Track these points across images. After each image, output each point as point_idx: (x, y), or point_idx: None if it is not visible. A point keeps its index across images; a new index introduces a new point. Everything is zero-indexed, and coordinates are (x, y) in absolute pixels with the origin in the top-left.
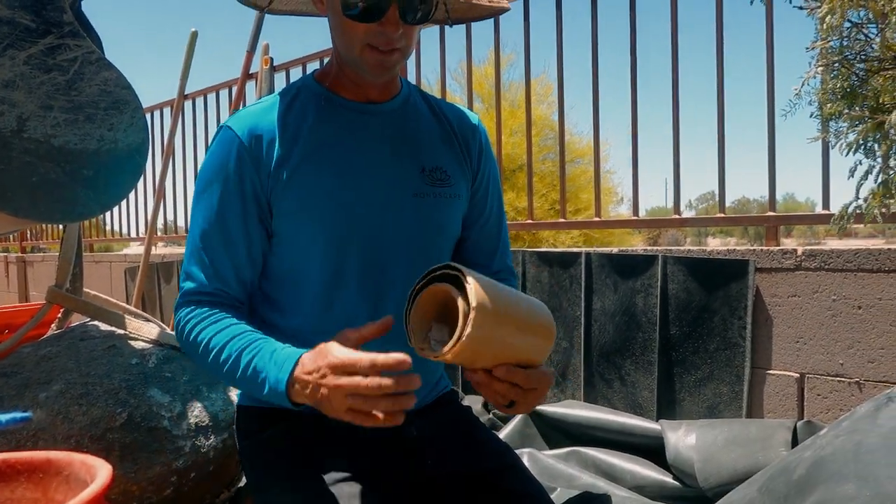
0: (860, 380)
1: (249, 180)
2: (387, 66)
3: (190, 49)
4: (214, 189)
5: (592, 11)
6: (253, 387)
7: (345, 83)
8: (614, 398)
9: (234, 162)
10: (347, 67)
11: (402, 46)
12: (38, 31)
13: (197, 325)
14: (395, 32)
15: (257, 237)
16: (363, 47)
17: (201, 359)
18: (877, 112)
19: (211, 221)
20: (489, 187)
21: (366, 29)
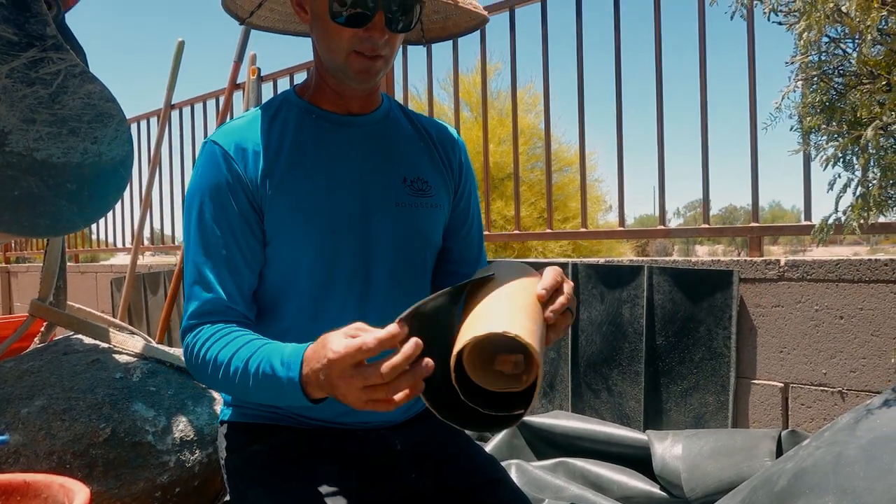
0: (843, 389)
1: (241, 193)
2: (371, 73)
3: (177, 59)
4: (205, 204)
5: (577, 22)
6: (270, 395)
7: (326, 95)
8: (602, 408)
9: (224, 176)
10: (330, 77)
11: (385, 54)
12: (20, 44)
13: (203, 345)
14: (380, 38)
15: (254, 246)
16: (349, 53)
17: (212, 379)
18: (854, 126)
19: (207, 238)
20: (470, 199)
21: (352, 34)
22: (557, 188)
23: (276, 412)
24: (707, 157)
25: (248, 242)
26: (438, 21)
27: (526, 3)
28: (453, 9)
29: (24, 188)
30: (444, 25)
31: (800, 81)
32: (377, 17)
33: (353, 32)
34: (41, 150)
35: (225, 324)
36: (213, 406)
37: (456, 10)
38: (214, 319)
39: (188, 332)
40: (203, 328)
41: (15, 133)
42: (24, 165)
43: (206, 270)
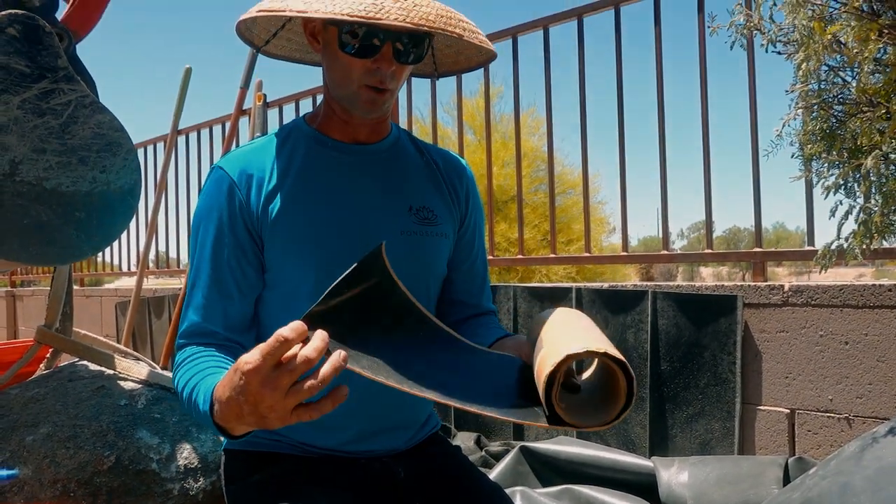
0: (849, 415)
1: (241, 219)
2: (377, 104)
3: (184, 85)
4: (208, 229)
5: (579, 48)
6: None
7: (335, 124)
8: (607, 434)
9: (225, 201)
10: (338, 106)
11: (392, 87)
12: (32, 76)
13: (179, 366)
14: (388, 69)
15: (251, 273)
16: (359, 85)
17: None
18: (855, 154)
19: (204, 261)
20: (476, 230)
21: (361, 66)
22: (561, 210)
23: (279, 439)
24: (710, 186)
25: (243, 269)
26: (450, 55)
27: (528, 31)
28: (465, 43)
29: (34, 217)
30: (456, 60)
31: (800, 109)
32: (385, 48)
33: (362, 64)
34: (51, 180)
35: (205, 346)
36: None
37: (468, 45)
38: (198, 341)
39: (176, 352)
40: (186, 349)
41: (26, 163)
42: (34, 194)
43: (198, 293)
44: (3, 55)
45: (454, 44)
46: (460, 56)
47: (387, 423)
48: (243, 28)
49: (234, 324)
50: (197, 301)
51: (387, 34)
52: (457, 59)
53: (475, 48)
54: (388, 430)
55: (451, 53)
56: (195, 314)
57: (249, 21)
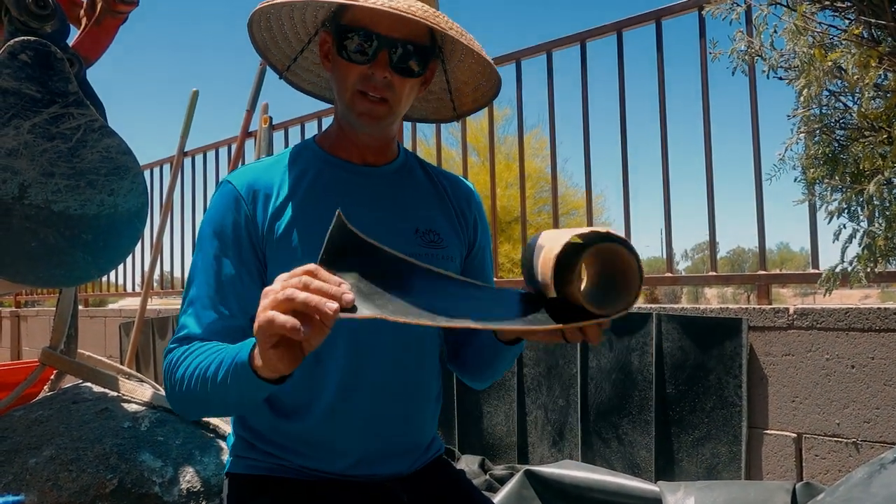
0: (857, 440)
1: (246, 233)
2: (373, 116)
3: (191, 107)
4: (212, 241)
5: (582, 72)
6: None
7: (344, 145)
8: (612, 458)
9: (231, 215)
10: (346, 125)
11: (389, 97)
12: (43, 100)
13: (174, 363)
14: (382, 74)
15: (252, 288)
16: (354, 93)
17: (182, 394)
18: (857, 178)
19: (206, 272)
20: (484, 254)
21: (357, 72)
22: None
23: (282, 463)
24: (713, 210)
25: (244, 282)
26: (468, 93)
27: (532, 56)
28: (479, 77)
29: (42, 239)
30: (474, 97)
31: (802, 134)
32: (381, 55)
33: (358, 70)
34: (59, 203)
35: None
36: (220, 456)
37: (482, 78)
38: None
39: (166, 356)
40: (178, 349)
41: (34, 186)
42: (43, 217)
43: (196, 303)
44: (15, 80)
45: (470, 80)
46: (477, 92)
47: (392, 447)
48: (261, 45)
49: (230, 336)
50: (196, 311)
51: (383, 41)
52: (474, 95)
53: (487, 82)
54: (393, 455)
55: (469, 92)
56: (193, 324)
57: (267, 37)
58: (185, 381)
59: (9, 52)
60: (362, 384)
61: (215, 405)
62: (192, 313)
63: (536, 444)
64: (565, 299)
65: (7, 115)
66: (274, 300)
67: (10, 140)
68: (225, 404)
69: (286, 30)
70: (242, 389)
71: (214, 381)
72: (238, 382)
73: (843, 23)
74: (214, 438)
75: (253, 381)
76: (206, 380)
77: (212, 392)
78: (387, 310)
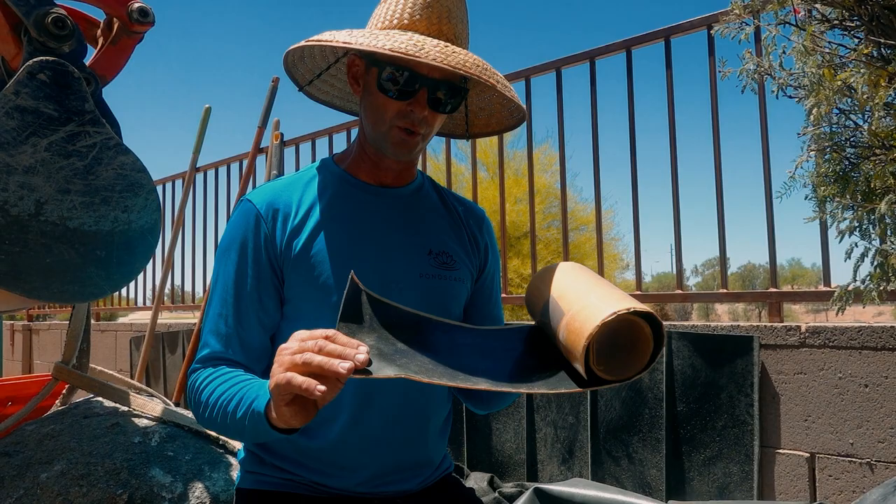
0: (871, 460)
1: (265, 251)
2: (408, 147)
3: (203, 124)
4: (232, 259)
5: (591, 89)
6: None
7: (363, 166)
8: (622, 476)
9: (251, 233)
10: (371, 148)
11: (424, 132)
12: (60, 119)
13: (199, 385)
14: (421, 114)
15: (270, 306)
16: (391, 126)
17: (202, 417)
18: (869, 197)
19: (226, 290)
20: (494, 279)
21: (397, 108)
22: (574, 247)
23: (292, 479)
24: (724, 227)
25: (263, 300)
26: (483, 118)
27: (541, 73)
28: (498, 108)
29: (56, 255)
30: (488, 122)
31: (812, 152)
32: (420, 93)
33: (397, 106)
34: (74, 219)
35: (226, 367)
36: (229, 472)
37: (501, 108)
38: (214, 364)
39: (190, 375)
40: (202, 370)
41: (51, 203)
42: (57, 234)
43: (220, 321)
44: (33, 100)
45: (486, 107)
46: (492, 119)
47: (402, 465)
48: (290, 62)
49: (252, 353)
50: (217, 329)
51: (424, 81)
52: (488, 121)
53: (507, 112)
54: (403, 471)
55: (484, 116)
56: (216, 342)
57: (297, 57)
58: (208, 408)
59: (28, 72)
60: (375, 407)
61: (234, 435)
62: (213, 331)
63: (546, 462)
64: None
65: (25, 133)
66: (291, 362)
67: (27, 158)
68: (242, 437)
69: (314, 48)
70: (258, 433)
71: (234, 418)
72: (255, 427)
73: (852, 42)
74: (224, 454)
75: (268, 431)
76: (227, 414)
77: (231, 425)
78: (409, 369)
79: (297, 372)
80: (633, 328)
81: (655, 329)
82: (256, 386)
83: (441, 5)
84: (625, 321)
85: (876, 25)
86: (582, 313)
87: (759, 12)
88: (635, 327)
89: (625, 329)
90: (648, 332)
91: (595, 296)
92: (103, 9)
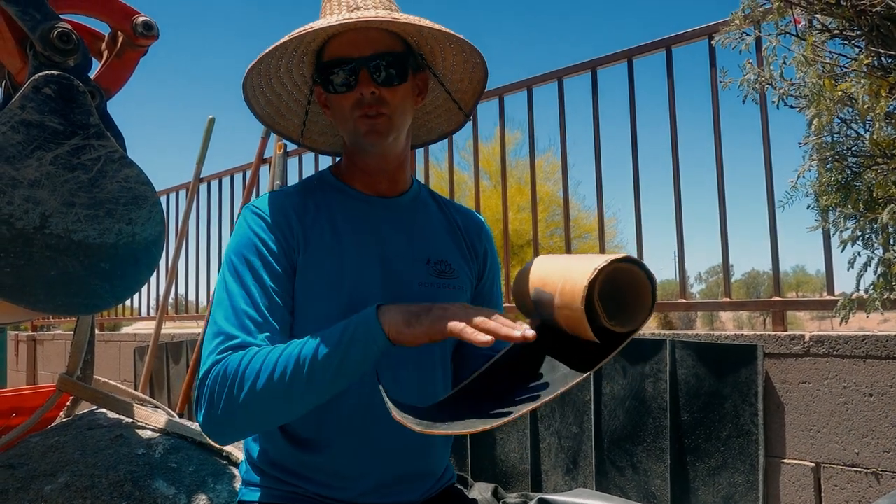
0: (877, 470)
1: (277, 251)
2: (378, 130)
3: (207, 134)
4: (245, 259)
5: (593, 97)
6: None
7: (356, 175)
8: (627, 486)
9: (262, 234)
10: (356, 155)
11: (386, 111)
12: (65, 133)
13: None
14: (369, 91)
15: (278, 312)
16: (354, 119)
17: (250, 392)
18: (871, 206)
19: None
20: (493, 286)
21: (350, 100)
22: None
23: (295, 490)
24: (727, 237)
25: (284, 293)
26: (466, 88)
27: (543, 83)
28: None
29: (61, 268)
30: (472, 89)
31: (814, 161)
32: (361, 75)
33: (350, 98)
34: (78, 232)
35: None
36: (232, 483)
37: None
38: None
39: (215, 365)
40: (235, 354)
41: (55, 216)
42: (62, 246)
43: (243, 318)
44: (38, 114)
45: (465, 76)
46: (473, 82)
47: (406, 475)
48: (271, 122)
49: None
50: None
51: (357, 62)
52: (472, 87)
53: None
54: (407, 481)
55: (466, 86)
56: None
57: (277, 117)
58: (274, 369)
59: (33, 87)
60: (378, 419)
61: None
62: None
63: (550, 472)
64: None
65: (31, 146)
66: (465, 315)
67: (32, 171)
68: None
69: (285, 99)
70: (364, 346)
71: (325, 350)
72: (363, 338)
73: (852, 52)
74: (227, 466)
75: (377, 339)
76: (315, 354)
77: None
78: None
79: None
80: (627, 278)
81: (648, 274)
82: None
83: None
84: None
85: (876, 36)
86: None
87: (759, 22)
88: (628, 276)
89: (622, 280)
90: (642, 277)
91: (577, 261)
92: (108, 23)
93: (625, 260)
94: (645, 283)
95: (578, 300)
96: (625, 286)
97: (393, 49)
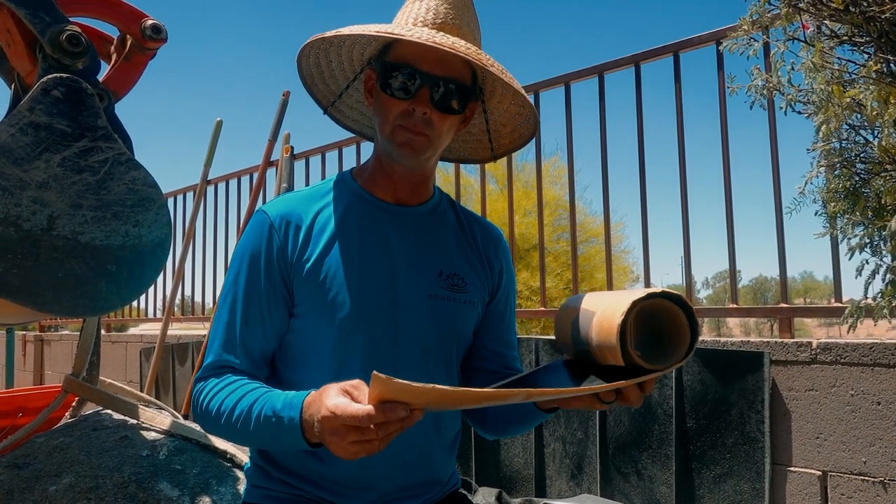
0: (885, 479)
1: (276, 263)
2: (413, 147)
3: (214, 137)
4: (243, 269)
5: (600, 102)
6: (269, 436)
7: (379, 181)
8: (631, 493)
9: (263, 244)
10: (385, 159)
11: (429, 133)
12: (73, 135)
13: (208, 394)
14: (421, 111)
15: (276, 317)
16: (395, 126)
17: (214, 425)
18: (879, 213)
19: (235, 299)
20: (508, 301)
21: (400, 107)
22: (584, 259)
23: (299, 493)
24: (733, 242)
25: (271, 311)
26: (506, 135)
27: (550, 87)
28: (513, 113)
29: (68, 269)
30: (512, 139)
31: (822, 167)
32: (422, 91)
33: (400, 105)
34: (86, 234)
35: (233, 375)
36: (236, 486)
37: (516, 114)
38: (223, 373)
39: (198, 382)
40: (210, 380)
41: (63, 218)
42: (70, 248)
43: (227, 329)
44: (47, 116)
45: (508, 121)
46: (515, 133)
47: (411, 482)
48: (308, 80)
49: (255, 361)
50: (224, 337)
51: (424, 77)
52: (512, 137)
53: (522, 118)
54: (412, 489)
55: (508, 133)
56: (221, 349)
57: (315, 76)
58: (222, 416)
59: (42, 89)
60: None
61: (253, 440)
62: (219, 339)
63: (554, 478)
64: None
65: (39, 148)
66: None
67: (40, 173)
68: (262, 443)
69: (333, 66)
70: (283, 440)
71: (258, 423)
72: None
73: (861, 58)
74: (231, 467)
75: (300, 439)
76: (250, 420)
77: (254, 431)
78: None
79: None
80: (667, 316)
81: (689, 316)
82: (276, 395)
83: (447, 6)
84: (654, 305)
85: (885, 42)
86: (611, 307)
87: (768, 28)
88: (668, 315)
89: (661, 316)
90: (683, 319)
91: (621, 294)
92: (117, 26)
93: (673, 299)
94: (682, 329)
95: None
96: (664, 321)
97: (461, 78)
